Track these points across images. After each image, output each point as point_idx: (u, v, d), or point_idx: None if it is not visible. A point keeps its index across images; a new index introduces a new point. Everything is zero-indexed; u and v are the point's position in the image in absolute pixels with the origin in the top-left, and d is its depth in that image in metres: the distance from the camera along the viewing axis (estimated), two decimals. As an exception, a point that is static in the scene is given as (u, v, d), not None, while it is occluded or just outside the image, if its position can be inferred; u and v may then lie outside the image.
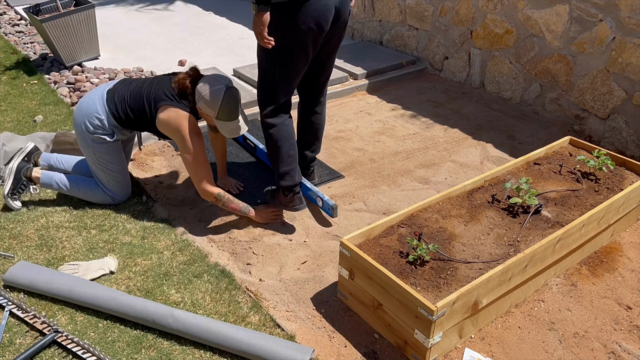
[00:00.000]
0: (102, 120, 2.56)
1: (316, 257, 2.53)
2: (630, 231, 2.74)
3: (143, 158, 3.29)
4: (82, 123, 2.58)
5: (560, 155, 2.88)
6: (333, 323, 2.17)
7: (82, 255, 2.47)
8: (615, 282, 2.40)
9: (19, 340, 2.01)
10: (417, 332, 1.90)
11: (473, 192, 2.56)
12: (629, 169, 2.77)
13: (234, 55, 4.97)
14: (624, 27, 3.32)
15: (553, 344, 2.09)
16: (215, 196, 2.57)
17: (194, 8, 6.53)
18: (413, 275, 2.04)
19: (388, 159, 3.36)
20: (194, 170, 2.53)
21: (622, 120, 3.47)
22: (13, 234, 2.59)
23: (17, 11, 6.06)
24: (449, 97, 4.26)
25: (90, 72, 4.34)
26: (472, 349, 2.05)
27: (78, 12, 4.35)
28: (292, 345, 1.95)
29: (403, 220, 2.34)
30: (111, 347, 2.00)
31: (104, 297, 2.11)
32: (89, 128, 2.57)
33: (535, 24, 3.81)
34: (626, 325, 2.18)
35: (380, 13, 5.07)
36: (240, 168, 3.21)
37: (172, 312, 2.03)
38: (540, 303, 2.28)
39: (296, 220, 2.78)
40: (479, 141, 3.61)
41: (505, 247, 2.20)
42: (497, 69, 4.18)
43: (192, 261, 2.45)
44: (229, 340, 1.95)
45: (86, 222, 2.68)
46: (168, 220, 2.72)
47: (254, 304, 2.21)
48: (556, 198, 2.51)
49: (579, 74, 3.65)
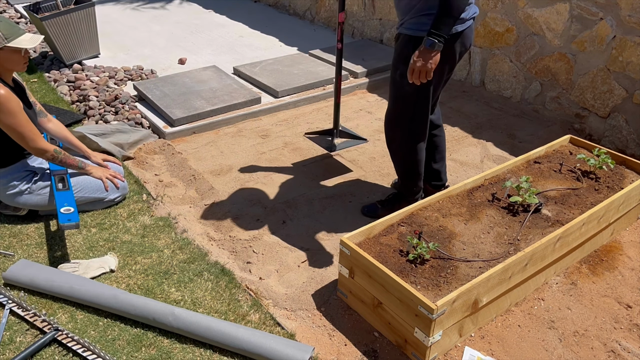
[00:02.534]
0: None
1: (316, 256, 2.53)
2: (631, 230, 2.74)
3: (143, 156, 3.29)
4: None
5: (560, 154, 2.88)
6: (333, 321, 2.17)
7: (82, 253, 2.47)
8: (615, 281, 2.40)
9: (19, 338, 2.02)
10: (417, 331, 1.90)
11: (473, 190, 2.56)
12: (629, 168, 2.77)
13: (234, 53, 4.97)
14: (624, 25, 3.32)
15: (553, 342, 2.09)
16: (52, 153, 2.54)
17: (194, 6, 6.52)
18: (413, 273, 2.04)
19: (388, 157, 3.36)
20: (19, 134, 2.43)
21: (623, 119, 3.47)
22: (13, 232, 2.59)
23: (17, 9, 6.05)
24: (449, 95, 4.26)
25: (90, 71, 4.34)
26: (472, 348, 2.05)
27: (78, 11, 4.34)
28: (292, 344, 1.95)
29: (403, 218, 2.34)
30: (111, 345, 2.00)
31: (104, 296, 2.11)
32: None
33: (535, 22, 3.80)
34: (626, 323, 2.18)
35: (380, 11, 5.07)
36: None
37: (173, 311, 2.03)
38: (540, 302, 2.28)
39: (296, 219, 2.79)
40: (479, 140, 3.60)
41: (505, 245, 2.20)
42: (497, 68, 4.17)
43: (192, 259, 2.45)
44: (229, 338, 1.95)
45: (86, 221, 2.69)
46: (168, 218, 2.72)
47: (254, 303, 2.21)
48: (556, 197, 2.51)
49: (579, 73, 3.64)
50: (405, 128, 2.50)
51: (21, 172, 2.60)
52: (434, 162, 2.80)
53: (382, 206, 2.79)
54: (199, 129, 3.63)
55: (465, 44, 2.34)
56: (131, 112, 3.69)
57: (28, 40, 2.44)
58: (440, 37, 2.10)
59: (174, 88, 3.96)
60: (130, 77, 4.27)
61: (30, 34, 2.50)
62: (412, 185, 2.68)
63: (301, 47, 5.18)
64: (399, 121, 2.50)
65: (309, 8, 5.99)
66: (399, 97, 2.45)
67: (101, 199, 2.75)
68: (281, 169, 3.24)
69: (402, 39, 2.35)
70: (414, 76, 2.20)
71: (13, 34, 2.40)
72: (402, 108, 2.46)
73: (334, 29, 5.70)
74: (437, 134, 2.74)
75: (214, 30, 5.64)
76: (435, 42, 2.10)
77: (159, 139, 3.50)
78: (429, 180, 2.86)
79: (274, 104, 3.95)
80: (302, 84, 4.13)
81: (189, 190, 2.99)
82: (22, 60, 2.48)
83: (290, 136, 3.61)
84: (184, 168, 3.18)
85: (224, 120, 3.72)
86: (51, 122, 2.80)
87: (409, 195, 2.72)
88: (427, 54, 2.13)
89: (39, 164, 2.70)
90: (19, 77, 2.68)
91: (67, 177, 2.67)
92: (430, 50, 2.12)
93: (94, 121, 3.62)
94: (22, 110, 2.43)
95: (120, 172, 2.92)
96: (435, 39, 2.09)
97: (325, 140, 3.25)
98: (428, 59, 2.14)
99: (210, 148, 3.45)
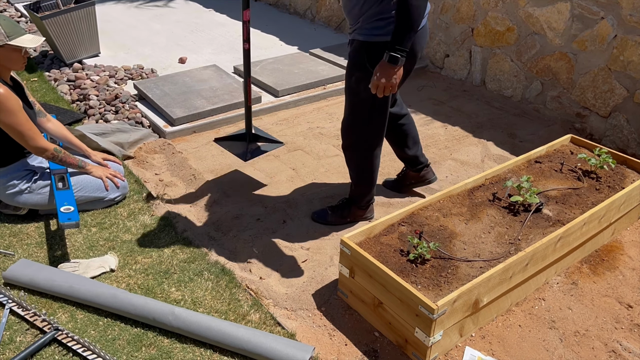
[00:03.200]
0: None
1: (316, 256, 2.53)
2: (631, 229, 2.74)
3: (143, 156, 3.29)
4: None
5: (561, 154, 2.88)
6: (333, 321, 2.16)
7: (82, 253, 2.47)
8: (616, 281, 2.40)
9: (19, 338, 2.01)
10: (417, 331, 1.90)
11: (474, 190, 2.56)
12: (630, 167, 2.77)
13: (234, 52, 4.97)
14: (625, 25, 3.31)
15: (554, 342, 2.09)
16: (52, 152, 2.53)
17: (195, 5, 6.52)
18: (414, 273, 2.03)
19: (388, 157, 3.36)
20: (19, 133, 2.43)
21: (624, 119, 3.47)
22: (13, 232, 2.59)
23: (17, 8, 6.04)
24: (449, 95, 4.26)
25: (91, 70, 4.33)
26: (473, 348, 2.05)
27: (78, 9, 4.34)
28: (292, 344, 1.95)
29: (404, 218, 2.34)
30: (111, 345, 2.00)
31: (104, 295, 2.11)
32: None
33: (536, 21, 3.80)
34: (627, 323, 2.18)
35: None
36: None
37: (173, 310, 2.03)
38: (541, 301, 2.28)
39: (296, 219, 2.78)
40: (480, 139, 3.60)
41: (506, 245, 2.20)
42: (498, 67, 4.17)
43: (192, 259, 2.44)
44: (229, 338, 1.95)
45: (86, 220, 2.68)
46: (168, 218, 2.72)
47: (255, 302, 2.21)
48: (557, 196, 2.51)
49: (580, 72, 3.64)
50: (361, 134, 2.46)
51: (21, 171, 2.60)
52: (408, 149, 2.78)
53: (332, 212, 2.74)
54: (199, 128, 3.63)
55: (422, 42, 2.31)
56: (131, 112, 3.68)
57: (29, 40, 2.44)
58: (402, 52, 2.04)
59: (174, 87, 3.95)
60: (131, 76, 4.26)
61: (31, 34, 2.50)
62: (365, 190, 2.64)
63: (301, 46, 5.18)
64: (354, 127, 2.46)
65: (309, 7, 5.98)
66: (355, 103, 2.40)
67: (101, 199, 2.74)
68: (281, 168, 3.24)
69: (355, 45, 2.29)
70: (378, 91, 2.14)
71: (15, 33, 2.40)
72: (358, 114, 2.42)
73: (334, 28, 5.70)
74: (404, 122, 2.72)
75: (215, 29, 5.64)
76: (399, 58, 2.04)
77: (159, 138, 3.50)
78: (410, 167, 2.87)
79: (274, 103, 3.95)
80: (303, 83, 4.13)
81: (189, 190, 2.99)
82: (22, 59, 2.47)
83: (290, 135, 3.61)
84: (184, 167, 3.18)
85: (224, 120, 3.72)
86: (50, 122, 2.79)
87: (359, 200, 2.68)
88: (391, 70, 2.07)
89: (39, 163, 2.70)
90: (17, 76, 2.68)
91: (67, 176, 2.67)
92: (393, 66, 2.06)
93: (94, 120, 3.62)
94: (22, 108, 2.43)
95: (121, 172, 2.92)
96: (398, 54, 2.04)
97: (237, 146, 2.99)
98: (392, 74, 2.08)
99: (210, 147, 3.45)
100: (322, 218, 2.75)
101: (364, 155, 2.52)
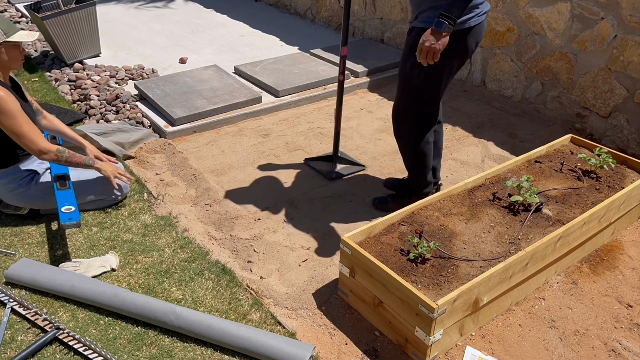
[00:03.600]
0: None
1: (317, 255, 2.53)
2: (631, 229, 2.74)
3: (144, 155, 3.29)
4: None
5: (561, 154, 2.88)
6: (334, 320, 2.17)
7: (83, 252, 2.47)
8: (616, 280, 2.40)
9: (21, 337, 2.02)
10: (417, 330, 1.90)
11: (474, 190, 2.56)
12: (630, 167, 2.77)
13: (235, 52, 4.97)
14: (625, 25, 3.31)
15: (554, 341, 2.09)
16: (56, 153, 2.48)
17: (195, 6, 6.53)
18: (414, 273, 2.04)
19: (389, 157, 3.36)
20: (19, 136, 2.41)
21: (624, 119, 3.47)
22: (14, 231, 2.59)
23: (17, 8, 6.05)
24: (450, 95, 4.26)
25: (92, 70, 4.34)
26: (473, 347, 2.05)
27: (79, 10, 4.34)
28: (293, 343, 1.95)
29: (404, 218, 2.35)
30: (112, 344, 2.00)
31: (105, 294, 2.11)
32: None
33: (536, 21, 3.80)
34: (627, 323, 2.19)
35: (381, 11, 5.06)
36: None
37: (174, 309, 2.03)
38: (541, 301, 2.28)
39: (297, 218, 2.79)
40: (480, 139, 3.60)
41: (506, 245, 2.20)
42: (498, 67, 4.17)
43: (193, 259, 2.45)
44: (230, 337, 1.96)
45: (87, 220, 2.69)
46: (169, 217, 2.72)
47: (255, 302, 2.22)
48: (557, 196, 2.51)
49: (580, 72, 3.64)
50: (413, 120, 2.51)
51: (22, 171, 2.60)
52: (432, 158, 2.80)
53: (392, 200, 2.82)
54: (200, 128, 3.63)
55: (478, 38, 2.36)
56: (132, 111, 3.69)
57: (26, 35, 2.45)
58: (450, 20, 2.12)
59: (174, 87, 3.96)
60: (131, 76, 4.27)
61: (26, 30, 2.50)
62: (421, 178, 2.68)
63: (302, 46, 5.18)
64: (406, 113, 2.52)
65: (309, 7, 5.99)
66: (406, 89, 2.47)
67: (102, 198, 2.75)
68: (282, 168, 3.24)
69: (415, 32, 2.36)
70: (421, 56, 2.21)
71: (11, 30, 2.41)
72: (409, 100, 2.48)
73: (335, 28, 5.70)
74: (437, 129, 2.75)
75: (215, 29, 5.65)
76: (445, 24, 2.12)
77: (160, 138, 3.51)
78: None
79: (275, 103, 3.96)
80: (303, 83, 4.14)
81: (190, 190, 2.99)
82: (20, 56, 2.48)
83: (291, 135, 3.61)
84: (185, 167, 3.19)
85: (224, 120, 3.72)
86: (45, 119, 2.79)
87: (417, 189, 2.73)
88: (437, 34, 2.15)
89: (39, 162, 2.70)
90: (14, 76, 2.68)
91: (67, 176, 2.67)
92: (439, 31, 2.14)
93: (95, 120, 3.62)
94: (21, 111, 2.42)
95: None
96: (445, 21, 2.12)
97: (325, 165, 3.25)
98: (438, 38, 2.16)
99: (211, 147, 3.45)
100: (384, 204, 2.82)
101: (416, 141, 2.56)
